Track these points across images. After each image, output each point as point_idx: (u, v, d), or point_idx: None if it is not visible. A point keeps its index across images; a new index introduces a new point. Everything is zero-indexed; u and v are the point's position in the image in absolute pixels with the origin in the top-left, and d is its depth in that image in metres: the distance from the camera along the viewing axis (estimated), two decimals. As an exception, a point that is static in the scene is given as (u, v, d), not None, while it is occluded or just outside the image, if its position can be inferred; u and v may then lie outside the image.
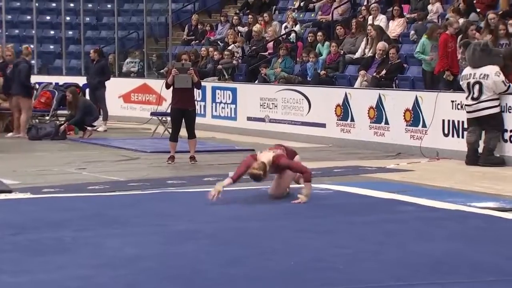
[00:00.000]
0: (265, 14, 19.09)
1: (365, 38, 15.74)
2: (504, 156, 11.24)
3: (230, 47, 18.52)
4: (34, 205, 7.84)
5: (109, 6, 24.78)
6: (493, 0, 15.14)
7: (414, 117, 12.62)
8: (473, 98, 11.27)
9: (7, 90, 15.24)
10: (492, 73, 11.17)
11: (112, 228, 6.66)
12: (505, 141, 11.26)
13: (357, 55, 15.86)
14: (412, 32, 15.59)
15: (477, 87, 11.22)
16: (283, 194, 8.18)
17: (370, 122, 13.37)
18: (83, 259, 5.56)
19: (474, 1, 15.21)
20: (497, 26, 12.42)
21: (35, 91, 17.42)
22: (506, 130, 11.25)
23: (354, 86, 14.59)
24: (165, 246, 6.01)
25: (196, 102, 12.14)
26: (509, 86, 11.21)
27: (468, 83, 11.31)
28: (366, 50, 15.61)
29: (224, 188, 7.74)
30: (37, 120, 15.81)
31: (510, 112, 11.20)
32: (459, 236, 6.49)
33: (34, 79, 17.32)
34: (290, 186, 8.33)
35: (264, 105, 15.52)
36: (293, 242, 6.19)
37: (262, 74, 16.70)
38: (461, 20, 14.39)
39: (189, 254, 5.75)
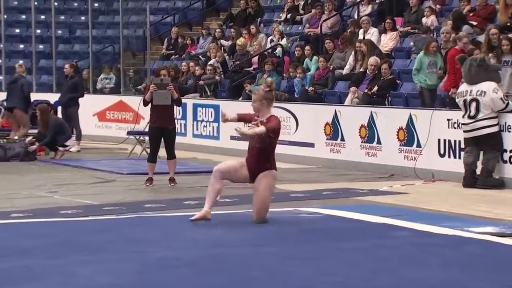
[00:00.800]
0: (251, 26, 19.18)
1: (353, 52, 15.84)
2: (503, 178, 11.29)
3: (212, 62, 18.58)
4: (1, 232, 7.79)
5: (82, 18, 24.80)
6: (490, 13, 15.28)
7: (408, 136, 12.67)
8: (470, 117, 11.33)
9: None
10: (489, 89, 11.24)
11: (85, 255, 6.63)
12: (505, 162, 11.32)
13: (345, 70, 15.95)
14: (412, 43, 15.64)
15: (474, 104, 11.28)
16: (266, 212, 8.14)
17: (362, 142, 13.41)
18: (53, 289, 5.53)
19: (471, 14, 15.35)
20: (500, 42, 12.43)
21: (2, 109, 17.41)
22: (506, 150, 11.30)
23: (344, 104, 14.65)
24: (142, 274, 5.99)
25: (176, 120, 12.15)
26: (508, 103, 11.28)
27: (465, 101, 11.37)
28: (357, 66, 15.70)
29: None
30: (4, 140, 15.75)
31: (509, 132, 11.27)
32: (456, 263, 6.51)
33: (2, 96, 17.32)
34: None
35: (248, 124, 15.51)
36: (279, 269, 6.18)
37: (247, 91, 16.74)
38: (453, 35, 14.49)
39: (167, 283, 5.73)
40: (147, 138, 13.71)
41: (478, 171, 11.34)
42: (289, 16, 20.04)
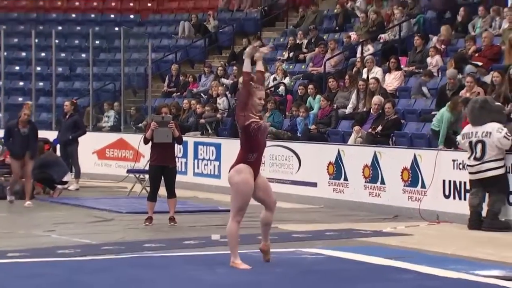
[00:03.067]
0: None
1: (355, 91, 15.90)
2: (509, 221, 11.25)
3: (219, 101, 18.61)
4: (-3, 270, 7.77)
5: (83, 55, 24.93)
6: (495, 53, 15.35)
7: (413, 177, 12.66)
8: (475, 158, 11.32)
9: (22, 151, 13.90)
10: (494, 130, 11.25)
11: (83, 295, 6.60)
12: (511, 204, 11.28)
13: (348, 109, 16.00)
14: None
15: (479, 146, 11.28)
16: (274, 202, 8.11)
17: (365, 182, 13.40)
18: (51, 330, 5.49)
19: (476, 54, 15.42)
20: (501, 84, 12.46)
21: (1, 147, 17.41)
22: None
23: (348, 143, 14.66)
24: (141, 316, 5.95)
25: (176, 159, 12.15)
26: (513, 138, 11.24)
27: (470, 142, 11.38)
28: (360, 105, 15.76)
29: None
30: (3, 178, 15.74)
31: (515, 173, 11.25)
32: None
33: (1, 133, 17.29)
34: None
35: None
36: (281, 312, 6.13)
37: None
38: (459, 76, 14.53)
39: (167, 325, 5.69)
40: (147, 176, 13.70)
41: (484, 213, 11.31)
42: (291, 54, 20.16)
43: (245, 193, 7.85)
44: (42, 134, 18.81)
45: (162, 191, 11.61)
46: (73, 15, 27.38)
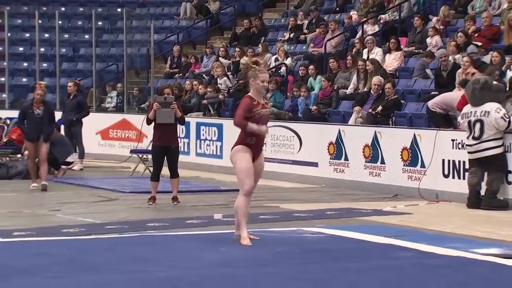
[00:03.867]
0: (259, 45, 19.25)
1: (356, 71, 15.89)
2: (508, 199, 11.28)
3: (221, 81, 18.59)
4: (3, 250, 7.79)
5: (86, 36, 24.89)
6: (495, 33, 15.32)
7: (412, 156, 12.67)
8: (474, 138, 11.33)
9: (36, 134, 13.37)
10: (492, 109, 11.25)
11: (88, 274, 6.63)
12: (509, 183, 11.31)
13: (349, 90, 15.99)
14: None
15: (478, 125, 11.29)
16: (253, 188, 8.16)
17: (365, 162, 13.41)
18: (56, 308, 5.53)
19: (476, 35, 15.39)
20: (499, 63, 12.47)
21: (6, 127, 17.44)
22: (510, 172, 11.30)
23: (348, 123, 14.66)
24: (145, 294, 5.98)
25: (179, 139, 12.16)
26: (510, 120, 11.26)
27: (469, 122, 11.39)
28: (360, 85, 15.75)
29: None
30: (7, 158, 15.78)
31: (514, 152, 11.27)
32: (461, 285, 6.49)
33: (5, 114, 17.31)
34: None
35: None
36: (283, 290, 6.17)
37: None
38: (458, 56, 14.52)
39: (171, 303, 5.72)
40: (150, 156, 13.73)
41: (482, 192, 11.34)
42: (292, 35, 20.12)
43: (246, 168, 7.94)
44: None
45: (165, 171, 11.63)
46: (76, -4, 27.34)
